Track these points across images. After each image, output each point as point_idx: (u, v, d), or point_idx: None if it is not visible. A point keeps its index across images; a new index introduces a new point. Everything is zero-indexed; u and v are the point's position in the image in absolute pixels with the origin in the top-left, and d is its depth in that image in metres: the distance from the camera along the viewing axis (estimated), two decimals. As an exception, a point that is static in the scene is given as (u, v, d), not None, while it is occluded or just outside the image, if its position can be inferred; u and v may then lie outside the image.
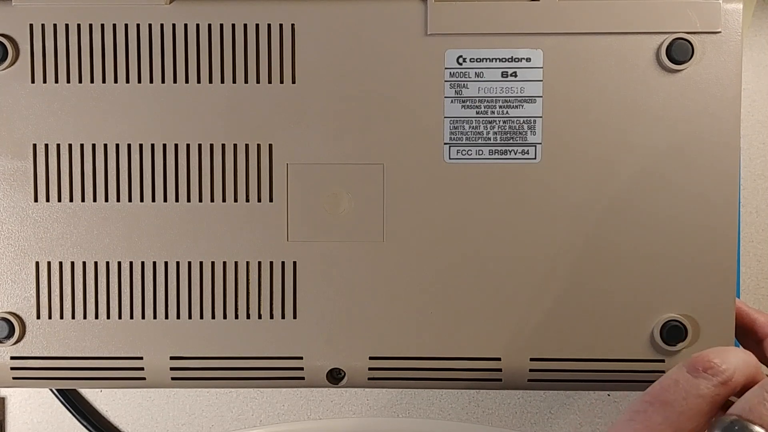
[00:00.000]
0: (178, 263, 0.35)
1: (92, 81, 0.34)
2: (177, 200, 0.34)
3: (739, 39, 0.33)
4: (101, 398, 0.45)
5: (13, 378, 0.35)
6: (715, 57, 0.34)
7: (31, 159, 0.34)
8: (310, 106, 0.34)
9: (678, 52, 0.33)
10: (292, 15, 0.34)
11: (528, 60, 0.34)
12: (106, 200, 0.34)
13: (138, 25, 0.34)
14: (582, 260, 0.34)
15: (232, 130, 0.34)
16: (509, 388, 0.35)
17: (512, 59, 0.34)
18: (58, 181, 0.34)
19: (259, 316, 0.35)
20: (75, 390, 0.45)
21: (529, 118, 0.34)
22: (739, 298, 0.41)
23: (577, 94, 0.34)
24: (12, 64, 0.34)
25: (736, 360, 0.27)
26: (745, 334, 0.36)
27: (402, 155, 0.34)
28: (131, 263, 0.35)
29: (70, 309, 0.35)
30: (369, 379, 0.35)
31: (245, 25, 0.34)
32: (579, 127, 0.34)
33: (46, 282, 0.35)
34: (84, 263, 0.35)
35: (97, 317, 0.35)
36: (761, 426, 0.24)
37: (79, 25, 0.34)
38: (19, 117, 0.34)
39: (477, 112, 0.34)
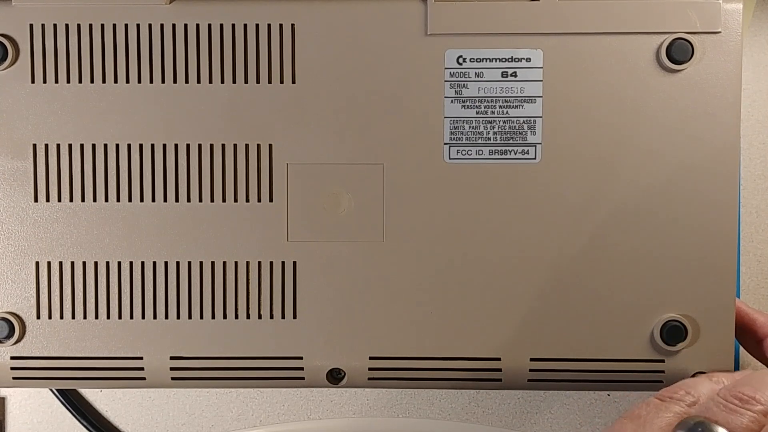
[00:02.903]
0: (178, 263, 0.35)
1: (92, 81, 0.34)
2: (177, 200, 0.34)
3: (739, 39, 0.33)
4: (101, 398, 0.45)
5: (13, 378, 0.35)
6: (715, 57, 0.34)
7: (31, 159, 0.34)
8: (310, 106, 0.34)
9: (678, 52, 0.33)
10: (292, 15, 0.34)
11: (528, 60, 0.34)
12: (106, 200, 0.35)
13: (138, 25, 0.34)
14: (582, 260, 0.34)
15: (232, 130, 0.34)
16: (509, 388, 0.35)
17: (512, 59, 0.34)
18: (58, 181, 0.34)
19: (259, 316, 0.35)
20: (75, 390, 0.45)
21: (529, 118, 0.34)
22: (739, 298, 0.41)
23: (577, 94, 0.34)
24: (12, 64, 0.34)
25: (705, 387, 0.29)
26: (745, 334, 0.36)
27: (402, 155, 0.34)
28: (131, 263, 0.35)
29: (70, 309, 0.35)
30: (369, 379, 0.35)
31: (245, 25, 0.34)
32: (579, 127, 0.34)
33: (46, 282, 0.35)
34: (84, 263, 0.35)
35: (97, 317, 0.35)
36: (719, 424, 0.26)
37: (79, 25, 0.34)
38: (19, 117, 0.34)
39: (477, 112, 0.34)
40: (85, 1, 0.34)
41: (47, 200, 0.35)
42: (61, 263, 0.35)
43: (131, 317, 0.35)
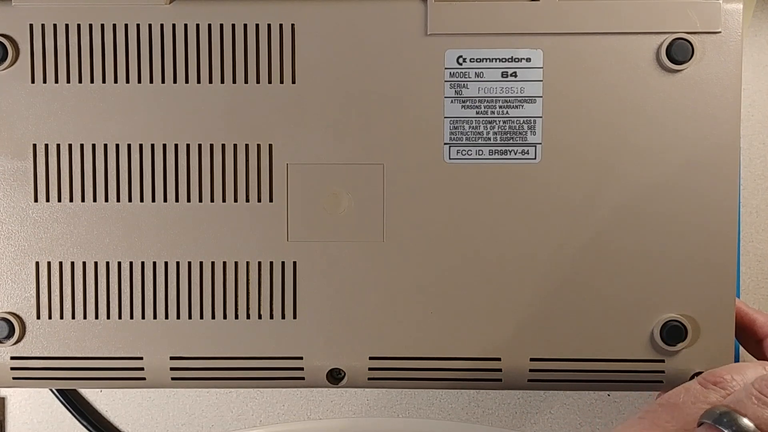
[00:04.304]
0: (178, 263, 0.35)
1: (92, 81, 0.34)
2: (177, 200, 0.34)
3: (739, 39, 0.33)
4: (101, 398, 0.45)
5: (13, 378, 0.35)
6: (715, 57, 0.34)
7: (31, 159, 0.34)
8: (310, 106, 0.34)
9: (678, 52, 0.33)
10: (292, 15, 0.34)
11: (528, 60, 0.34)
12: (106, 200, 0.34)
13: (138, 25, 0.34)
14: (582, 260, 0.34)
15: (232, 130, 0.34)
16: (509, 388, 0.35)
17: (512, 59, 0.34)
18: (58, 181, 0.34)
19: (259, 316, 0.35)
20: (75, 390, 0.45)
21: (529, 118, 0.34)
22: (739, 298, 0.41)
23: (577, 94, 0.34)
24: (12, 64, 0.34)
25: (752, 373, 0.28)
26: (745, 334, 0.36)
27: (402, 155, 0.34)
28: (131, 263, 0.35)
29: (70, 309, 0.35)
30: (369, 379, 0.35)
31: (245, 25, 0.34)
32: (579, 127, 0.34)
33: (46, 282, 0.35)
34: (84, 263, 0.35)
35: (97, 317, 0.35)
36: (747, 417, 0.25)
37: (79, 25, 0.34)
38: (19, 117, 0.34)
39: (477, 112, 0.34)
40: (85, 1, 0.34)
41: (47, 200, 0.35)
42: (61, 263, 0.35)
43: (131, 317, 0.35)
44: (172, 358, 0.35)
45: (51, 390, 0.44)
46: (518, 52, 0.34)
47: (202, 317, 0.35)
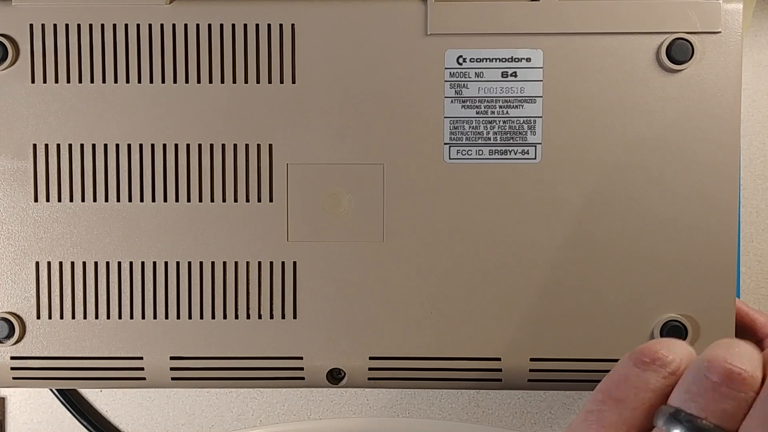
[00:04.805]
0: (178, 263, 0.35)
1: (92, 81, 0.34)
2: (177, 200, 0.34)
3: (739, 39, 0.33)
4: (101, 398, 0.45)
5: (13, 378, 0.35)
6: (715, 57, 0.34)
7: (31, 159, 0.34)
8: (310, 106, 0.34)
9: (678, 52, 0.33)
10: (292, 15, 0.34)
11: (528, 60, 0.34)
12: (106, 200, 0.35)
13: (138, 25, 0.34)
14: (582, 260, 0.34)
15: (232, 130, 0.34)
16: (509, 388, 0.35)
17: (512, 59, 0.34)
18: (58, 181, 0.34)
19: (259, 316, 0.35)
20: (75, 390, 0.45)
21: (529, 118, 0.34)
22: (739, 298, 0.41)
23: (577, 94, 0.34)
24: (12, 64, 0.34)
25: (682, 351, 0.26)
26: (745, 334, 0.36)
27: (402, 155, 0.34)
28: (131, 263, 0.35)
29: (70, 309, 0.35)
30: (369, 379, 0.35)
31: (245, 25, 0.34)
32: (579, 127, 0.34)
33: (46, 282, 0.35)
34: (84, 263, 0.35)
35: (97, 317, 0.35)
36: (706, 418, 0.23)
37: (79, 25, 0.34)
38: (19, 117, 0.34)
39: (477, 112, 0.34)
40: (85, 1, 0.34)
41: (47, 200, 0.35)
42: (61, 263, 0.35)
43: (131, 317, 0.35)
44: (172, 358, 0.35)
45: (51, 390, 0.44)
46: (518, 52, 0.34)
47: (202, 317, 0.35)
